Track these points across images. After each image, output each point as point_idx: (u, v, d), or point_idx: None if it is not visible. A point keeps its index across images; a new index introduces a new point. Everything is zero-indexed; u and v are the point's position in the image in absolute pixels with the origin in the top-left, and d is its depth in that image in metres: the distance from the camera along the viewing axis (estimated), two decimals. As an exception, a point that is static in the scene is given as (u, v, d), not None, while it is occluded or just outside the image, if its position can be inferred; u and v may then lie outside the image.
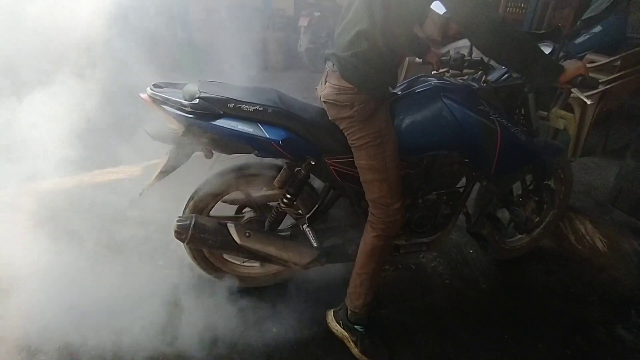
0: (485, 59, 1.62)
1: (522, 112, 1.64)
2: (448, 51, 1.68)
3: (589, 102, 1.39)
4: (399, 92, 1.51)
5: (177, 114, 1.33)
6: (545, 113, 1.74)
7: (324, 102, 1.38)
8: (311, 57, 5.17)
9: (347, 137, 1.37)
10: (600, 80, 2.58)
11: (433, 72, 1.79)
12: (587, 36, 3.02)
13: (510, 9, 6.22)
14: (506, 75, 1.59)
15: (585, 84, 1.31)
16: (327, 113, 1.39)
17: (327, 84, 1.36)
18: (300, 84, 4.52)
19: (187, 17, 4.89)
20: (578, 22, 1.45)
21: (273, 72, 5.34)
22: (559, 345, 1.67)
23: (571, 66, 1.26)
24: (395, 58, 1.32)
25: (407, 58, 3.43)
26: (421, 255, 2.12)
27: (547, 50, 1.55)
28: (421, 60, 1.77)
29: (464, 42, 1.61)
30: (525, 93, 1.58)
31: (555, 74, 1.27)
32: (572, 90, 1.42)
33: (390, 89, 1.41)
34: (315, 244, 1.56)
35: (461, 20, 1.17)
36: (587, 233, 2.12)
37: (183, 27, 4.80)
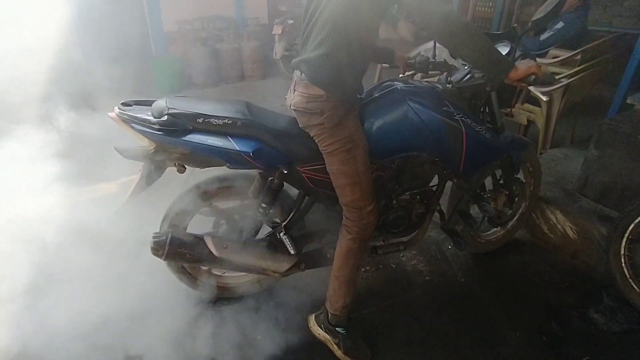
0: (449, 61, 1.68)
1: (486, 110, 1.70)
2: (418, 53, 1.73)
3: (544, 99, 1.45)
4: (367, 98, 1.55)
5: (146, 131, 1.34)
6: (509, 110, 1.81)
7: (294, 110, 1.40)
8: (287, 65, 5.19)
9: (318, 144, 1.40)
10: (563, 74, 2.69)
11: (400, 75, 1.84)
12: (551, 32, 3.14)
13: (480, 8, 6.39)
14: (469, 75, 1.64)
15: (539, 81, 1.37)
16: (298, 121, 1.42)
17: (295, 92, 1.39)
18: (278, 92, 4.54)
19: (161, 30, 4.87)
20: (529, 23, 1.51)
21: (249, 80, 5.35)
22: (535, 332, 1.73)
23: (523, 65, 1.32)
24: (363, 61, 1.36)
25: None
26: (401, 255, 2.16)
27: (504, 50, 1.61)
28: (388, 65, 1.81)
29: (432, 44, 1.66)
30: (488, 92, 1.63)
31: (504, 68, 1.32)
32: (530, 88, 1.48)
33: (357, 95, 1.45)
34: (293, 251, 1.58)
35: (414, 10, 1.22)
36: (558, 222, 2.20)
37: (156, 40, 4.78)
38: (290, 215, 1.60)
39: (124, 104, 1.42)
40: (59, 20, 2.22)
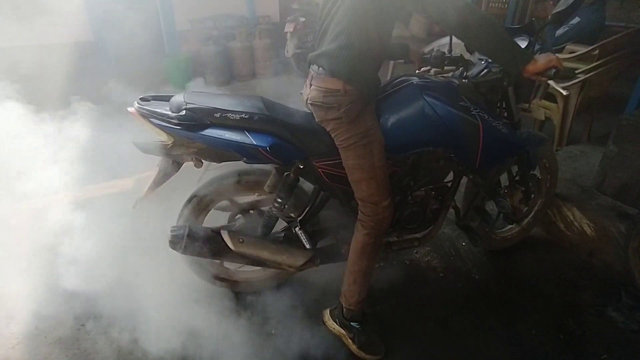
0: (465, 56, 1.66)
1: (503, 105, 1.68)
2: (432, 49, 1.71)
3: (564, 93, 1.43)
4: (382, 93, 1.54)
5: (164, 126, 1.36)
6: (526, 105, 1.78)
7: (311, 104, 1.40)
8: (299, 62, 5.20)
9: (335, 138, 1.40)
10: (580, 70, 2.64)
11: (416, 71, 1.83)
12: (567, 28, 3.09)
13: (493, 4, 6.32)
14: (485, 70, 1.63)
15: (560, 75, 1.34)
16: (314, 115, 1.42)
17: (312, 87, 1.39)
18: (290, 90, 4.54)
19: (173, 29, 4.91)
20: (548, 17, 1.49)
21: (261, 78, 5.37)
22: (552, 330, 1.71)
23: (543, 58, 1.29)
24: (381, 53, 1.38)
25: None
26: (415, 251, 2.15)
27: (523, 44, 1.59)
28: (403, 60, 1.80)
29: (447, 40, 1.65)
30: (505, 87, 1.61)
31: (523, 60, 1.29)
32: (549, 82, 1.46)
33: (375, 88, 1.44)
34: (308, 246, 1.59)
35: (429, 3, 1.22)
36: (575, 219, 2.16)
37: (169, 38, 4.82)
38: (306, 210, 1.61)
39: (142, 99, 1.44)
40: (75, 20, 2.26)
